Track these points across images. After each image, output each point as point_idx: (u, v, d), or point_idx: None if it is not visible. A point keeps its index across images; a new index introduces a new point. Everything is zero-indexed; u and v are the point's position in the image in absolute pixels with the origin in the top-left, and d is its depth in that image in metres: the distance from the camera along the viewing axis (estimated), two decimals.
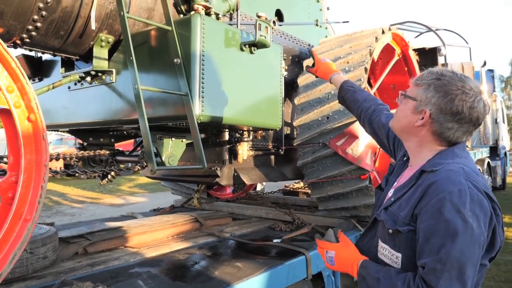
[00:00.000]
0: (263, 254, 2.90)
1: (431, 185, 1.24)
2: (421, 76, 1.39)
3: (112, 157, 3.07)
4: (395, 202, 1.37)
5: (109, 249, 2.86)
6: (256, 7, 3.41)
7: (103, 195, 11.30)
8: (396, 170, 1.57)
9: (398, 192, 1.39)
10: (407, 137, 1.43)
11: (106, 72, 2.60)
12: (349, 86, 2.13)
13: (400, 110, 1.43)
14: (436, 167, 1.29)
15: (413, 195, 1.30)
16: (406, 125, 1.40)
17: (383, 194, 1.54)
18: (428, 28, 8.03)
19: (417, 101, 1.34)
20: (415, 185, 1.32)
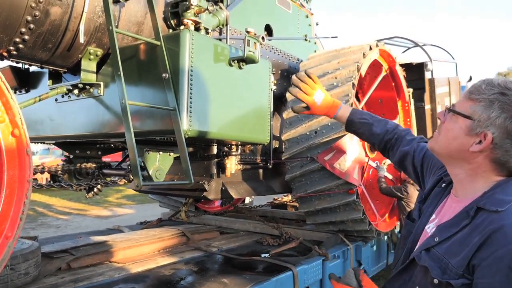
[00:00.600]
0: (250, 270, 2.88)
1: (496, 232, 1.00)
2: (477, 88, 1.12)
3: (99, 170, 3.04)
4: (441, 243, 1.12)
5: (93, 264, 2.81)
6: (246, 22, 3.44)
7: (90, 207, 11.14)
8: (433, 198, 1.32)
9: (444, 231, 1.14)
10: (456, 163, 1.17)
11: (94, 85, 2.59)
12: (362, 119, 1.78)
13: (448, 129, 1.17)
14: (500, 206, 1.04)
15: (468, 239, 1.05)
16: (456, 148, 1.14)
17: (418, 226, 1.29)
18: (415, 43, 8.18)
19: (474, 120, 1.09)
20: (469, 225, 1.07)
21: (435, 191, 1.33)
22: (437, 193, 1.31)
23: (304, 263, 3.02)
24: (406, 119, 4.86)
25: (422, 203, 1.36)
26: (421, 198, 1.39)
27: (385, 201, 4.58)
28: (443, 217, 1.20)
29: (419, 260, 1.16)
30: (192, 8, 2.55)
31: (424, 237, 1.22)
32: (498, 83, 1.09)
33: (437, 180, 1.36)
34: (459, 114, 1.13)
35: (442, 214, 1.22)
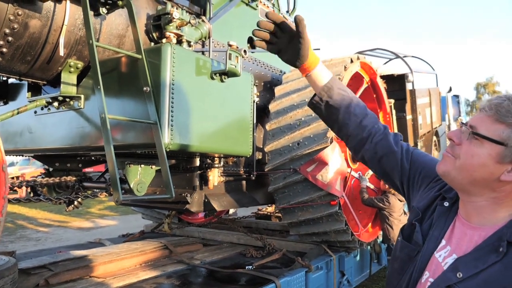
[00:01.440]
0: (233, 282, 2.87)
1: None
2: (507, 108, 1.00)
3: (79, 183, 3.00)
4: (465, 280, 1.00)
5: (72, 280, 2.75)
6: (228, 35, 3.46)
7: (72, 218, 10.92)
8: (437, 219, 1.18)
9: (468, 266, 1.01)
10: (477, 190, 1.05)
11: (74, 98, 2.56)
12: (342, 91, 1.44)
13: (472, 155, 1.03)
14: None
15: (502, 279, 0.94)
16: (483, 177, 1.01)
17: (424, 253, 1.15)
18: (396, 55, 8.34)
19: (508, 147, 0.98)
20: (500, 262, 0.96)
21: (438, 210, 1.19)
22: (441, 214, 1.18)
23: (287, 275, 3.02)
24: None
25: (420, 222, 1.21)
26: (417, 216, 1.23)
27: (367, 212, 4.63)
28: (457, 246, 1.08)
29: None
30: (174, 21, 2.57)
31: (435, 266, 1.10)
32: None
33: (435, 196, 1.24)
34: (489, 140, 1.00)
35: (455, 242, 1.10)
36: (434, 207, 1.22)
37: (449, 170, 1.09)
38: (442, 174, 1.12)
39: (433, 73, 9.24)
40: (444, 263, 1.08)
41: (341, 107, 1.41)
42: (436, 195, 1.23)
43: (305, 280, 3.21)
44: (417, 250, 1.18)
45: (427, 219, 1.21)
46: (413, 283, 1.15)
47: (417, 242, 1.19)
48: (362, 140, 1.42)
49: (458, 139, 1.08)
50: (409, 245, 1.20)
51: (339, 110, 1.41)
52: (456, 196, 1.17)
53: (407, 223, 1.27)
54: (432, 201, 1.23)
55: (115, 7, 2.38)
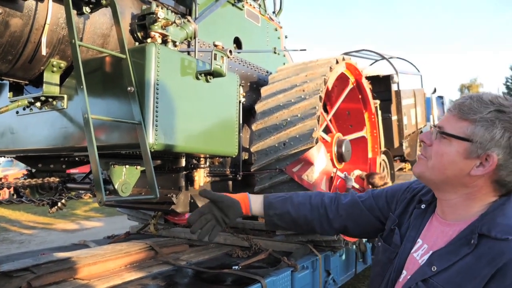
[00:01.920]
0: (219, 283, 2.86)
1: (509, 263, 0.93)
2: (468, 106, 1.05)
3: (63, 185, 2.96)
4: (439, 273, 1.03)
5: (56, 282, 2.71)
6: (214, 35, 3.46)
7: (56, 220, 10.77)
8: (414, 221, 1.23)
9: (442, 259, 1.05)
10: (451, 188, 1.09)
11: (57, 98, 2.53)
12: (278, 198, 1.55)
13: (441, 154, 1.08)
14: (508, 233, 0.97)
15: (474, 270, 0.97)
16: (454, 174, 1.06)
17: (401, 253, 1.20)
18: (382, 56, 8.44)
19: (473, 142, 1.02)
20: (472, 253, 1.00)
21: (415, 213, 1.24)
22: (418, 216, 1.23)
23: (273, 274, 3.03)
24: (373, 130, 4.99)
25: (399, 226, 1.27)
26: (394, 222, 1.29)
27: None
28: (434, 243, 1.12)
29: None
30: (159, 21, 2.56)
31: (413, 264, 1.14)
32: (490, 99, 1.04)
33: (408, 201, 1.30)
34: (455, 137, 1.05)
35: (431, 240, 1.14)
36: (411, 212, 1.28)
37: (423, 171, 1.14)
38: (418, 175, 1.17)
39: (418, 74, 9.37)
40: (422, 260, 1.12)
41: (288, 207, 1.48)
42: (409, 199, 1.30)
43: (291, 280, 3.22)
44: (396, 251, 1.23)
45: (405, 223, 1.27)
46: (392, 283, 1.19)
47: (396, 244, 1.25)
48: (324, 216, 1.47)
49: (429, 140, 1.13)
50: (389, 248, 1.26)
51: (289, 210, 1.48)
52: (432, 198, 1.23)
53: (386, 230, 1.33)
54: (406, 206, 1.30)
55: (99, 6, 2.36)
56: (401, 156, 7.85)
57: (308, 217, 1.48)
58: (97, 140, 2.22)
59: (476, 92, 1.12)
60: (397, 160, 8.05)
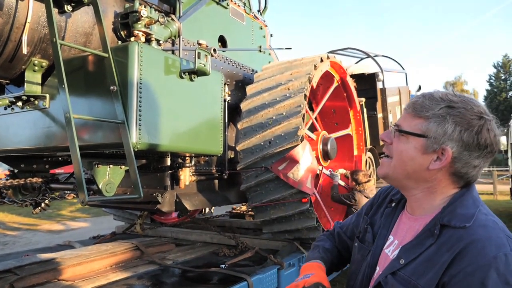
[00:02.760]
0: (205, 282, 2.87)
1: (466, 248, 0.97)
2: (421, 104, 1.10)
3: (46, 185, 2.92)
4: (407, 265, 1.08)
5: (39, 283, 2.68)
6: (199, 33, 3.46)
7: (41, 221, 10.61)
8: (385, 219, 1.28)
9: (409, 252, 1.09)
10: (413, 184, 1.14)
11: (39, 97, 2.51)
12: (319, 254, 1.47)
13: (401, 151, 1.12)
14: (466, 221, 1.02)
15: (435, 258, 1.02)
16: (414, 169, 1.10)
17: (374, 250, 1.24)
18: (367, 54, 8.50)
19: (429, 138, 1.07)
20: (435, 244, 1.05)
21: (386, 212, 1.29)
22: (388, 214, 1.28)
23: (259, 272, 3.04)
24: (358, 128, 5.03)
25: (372, 225, 1.31)
26: (367, 222, 1.33)
27: (339, 208, 4.71)
28: (403, 238, 1.16)
29: (386, 285, 1.10)
30: (143, 19, 2.55)
31: (385, 260, 1.18)
32: (440, 96, 1.09)
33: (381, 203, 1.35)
34: (411, 134, 1.10)
35: (401, 235, 1.18)
36: (382, 211, 1.33)
37: (386, 171, 1.18)
38: (382, 177, 1.21)
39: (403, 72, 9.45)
40: (392, 256, 1.16)
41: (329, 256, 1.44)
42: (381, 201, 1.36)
43: (277, 277, 3.24)
44: (368, 249, 1.27)
45: (377, 222, 1.32)
46: (367, 279, 1.23)
47: (369, 241, 1.29)
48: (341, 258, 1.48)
49: (389, 139, 1.17)
50: (363, 246, 1.31)
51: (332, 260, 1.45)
52: (401, 196, 1.28)
53: (362, 230, 1.37)
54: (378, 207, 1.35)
55: (81, 4, 2.34)
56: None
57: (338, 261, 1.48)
58: (80, 139, 2.20)
59: (431, 91, 1.15)
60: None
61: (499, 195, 15.87)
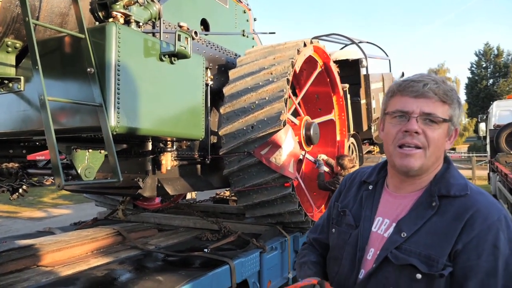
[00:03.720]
0: (188, 266, 2.87)
1: (474, 214, 1.05)
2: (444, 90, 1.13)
3: (23, 170, 2.86)
4: (409, 238, 1.10)
5: (18, 269, 2.65)
6: (180, 16, 3.39)
7: (22, 208, 10.45)
8: (365, 202, 1.28)
9: (409, 225, 1.12)
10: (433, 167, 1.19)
11: (13, 80, 2.43)
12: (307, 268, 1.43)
13: (437, 138, 1.13)
14: (464, 190, 1.11)
15: (443, 227, 1.07)
16: (441, 151, 1.17)
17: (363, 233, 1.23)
18: (352, 40, 8.50)
19: (451, 122, 1.16)
20: (437, 214, 1.10)
21: (364, 194, 1.30)
22: (368, 196, 1.28)
23: (241, 256, 3.06)
24: (341, 113, 5.06)
25: (347, 208, 1.31)
26: (338, 207, 1.34)
27: (321, 193, 4.75)
28: (395, 216, 1.17)
29: (397, 260, 1.09)
30: (121, 0, 2.47)
31: (379, 240, 1.18)
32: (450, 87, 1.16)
33: (348, 188, 1.36)
34: (444, 121, 1.13)
35: (391, 213, 1.19)
36: (354, 195, 1.33)
37: (422, 162, 1.14)
38: (419, 168, 1.15)
39: (386, 59, 9.50)
40: (387, 233, 1.17)
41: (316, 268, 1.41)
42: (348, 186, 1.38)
43: (259, 261, 3.27)
44: (349, 232, 1.26)
45: (353, 205, 1.31)
46: (358, 262, 1.21)
47: (350, 224, 1.27)
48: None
49: (419, 129, 1.12)
50: (343, 230, 1.29)
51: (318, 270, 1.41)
52: (377, 177, 1.31)
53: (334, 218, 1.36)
54: (347, 193, 1.36)
55: None
56: (370, 139, 8.02)
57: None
58: (57, 123, 2.15)
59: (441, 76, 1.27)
60: (366, 143, 8.22)
61: (477, 180, 16.32)
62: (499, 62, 45.04)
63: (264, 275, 3.35)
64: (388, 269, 1.12)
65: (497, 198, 9.09)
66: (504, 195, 7.89)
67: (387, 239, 1.15)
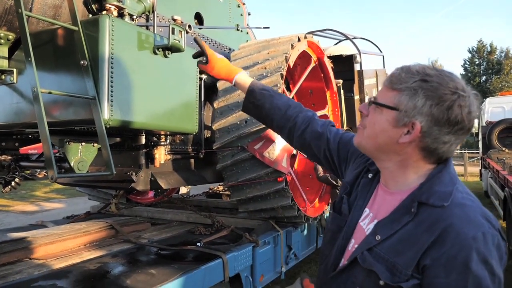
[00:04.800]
0: (180, 260, 2.88)
1: (446, 229, 0.98)
2: (397, 76, 1.09)
3: (15, 163, 2.85)
4: (383, 241, 1.08)
5: (10, 262, 2.65)
6: (174, 9, 3.38)
7: (14, 202, 10.39)
8: (361, 190, 1.27)
9: (385, 228, 1.09)
10: (385, 156, 1.14)
11: (6, 72, 2.41)
12: (263, 90, 1.64)
13: (374, 123, 1.12)
14: (444, 200, 1.02)
15: (414, 237, 1.02)
16: (385, 141, 1.10)
17: (349, 221, 1.24)
18: (346, 36, 8.51)
19: (400, 111, 1.06)
20: (412, 221, 1.05)
21: (363, 182, 1.28)
22: (365, 185, 1.26)
23: (234, 250, 3.08)
24: (335, 109, 5.07)
25: (348, 195, 1.30)
26: (346, 190, 1.32)
27: (314, 188, 4.78)
28: (378, 211, 1.16)
29: (364, 262, 1.10)
30: None
31: (360, 233, 1.18)
32: (417, 70, 1.06)
33: (359, 171, 1.32)
34: (383, 106, 1.09)
35: (376, 208, 1.18)
36: (359, 181, 1.31)
37: (359, 140, 1.18)
38: (357, 145, 1.21)
39: (380, 55, 9.52)
40: (367, 229, 1.16)
41: (265, 104, 1.61)
42: (361, 169, 1.32)
43: (252, 255, 3.29)
44: (345, 220, 1.26)
45: (354, 192, 1.30)
46: (341, 250, 1.23)
47: (345, 213, 1.28)
48: (290, 130, 1.59)
49: (366, 110, 1.17)
50: (338, 217, 1.30)
51: (264, 107, 1.61)
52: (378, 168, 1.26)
53: (338, 198, 1.36)
54: (357, 176, 1.32)
55: None
56: None
57: (277, 122, 1.61)
58: (49, 116, 2.15)
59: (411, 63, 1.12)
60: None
61: (469, 176, 16.47)
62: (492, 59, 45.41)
63: (257, 269, 3.37)
64: (357, 268, 1.13)
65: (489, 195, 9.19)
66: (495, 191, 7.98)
67: (364, 238, 1.15)
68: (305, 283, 1.15)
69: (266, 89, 1.66)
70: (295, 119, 1.56)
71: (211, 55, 1.74)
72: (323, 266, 1.29)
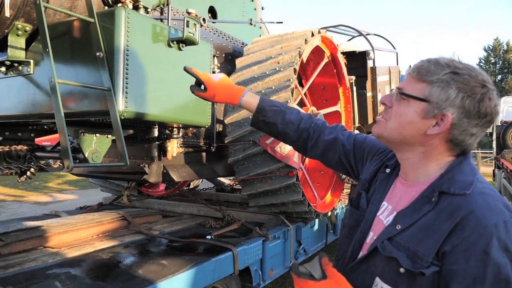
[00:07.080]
0: (191, 252, 2.91)
1: (467, 217, 0.98)
2: (426, 68, 1.08)
3: (31, 153, 2.90)
4: (403, 231, 1.08)
5: (25, 250, 2.70)
6: (188, 3, 3.39)
7: (28, 193, 10.57)
8: (379, 185, 1.28)
9: (405, 218, 1.09)
10: (409, 147, 1.14)
11: (23, 63, 2.45)
12: (273, 107, 1.59)
13: (400, 114, 1.11)
14: (465, 189, 1.03)
15: (434, 225, 1.03)
16: (412, 133, 1.10)
17: (367, 215, 1.25)
18: (359, 32, 8.44)
19: (431, 102, 1.06)
20: (433, 210, 1.05)
21: (380, 177, 1.29)
22: (383, 179, 1.27)
23: (244, 243, 3.09)
24: (347, 105, 5.05)
25: (366, 191, 1.31)
26: (364, 186, 1.33)
27: (325, 184, 4.77)
28: (397, 203, 1.16)
29: (384, 251, 1.09)
30: None
31: (378, 226, 1.18)
32: (446, 62, 1.07)
33: (379, 166, 1.33)
34: (413, 98, 1.08)
35: (395, 201, 1.18)
36: (377, 177, 1.32)
37: (381, 131, 1.17)
38: (377, 136, 1.20)
39: (394, 51, 9.43)
40: (386, 221, 1.16)
41: (278, 121, 1.57)
42: (379, 166, 1.33)
43: (262, 249, 3.30)
44: (363, 215, 1.27)
45: (372, 187, 1.31)
46: (359, 244, 1.23)
47: (363, 207, 1.28)
48: (304, 141, 1.59)
49: (389, 102, 1.16)
50: (357, 211, 1.30)
51: (277, 124, 1.57)
52: (396, 162, 1.27)
53: (355, 194, 1.37)
54: (375, 173, 1.33)
55: None
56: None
57: (291, 136, 1.59)
58: (65, 107, 2.18)
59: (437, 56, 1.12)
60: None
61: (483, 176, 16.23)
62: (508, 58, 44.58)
63: (266, 263, 3.38)
64: (377, 258, 1.13)
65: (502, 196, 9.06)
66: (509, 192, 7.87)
67: (384, 229, 1.15)
68: (323, 261, 1.15)
69: (276, 105, 1.61)
70: (308, 129, 1.57)
71: (207, 81, 1.59)
72: (340, 261, 1.29)
